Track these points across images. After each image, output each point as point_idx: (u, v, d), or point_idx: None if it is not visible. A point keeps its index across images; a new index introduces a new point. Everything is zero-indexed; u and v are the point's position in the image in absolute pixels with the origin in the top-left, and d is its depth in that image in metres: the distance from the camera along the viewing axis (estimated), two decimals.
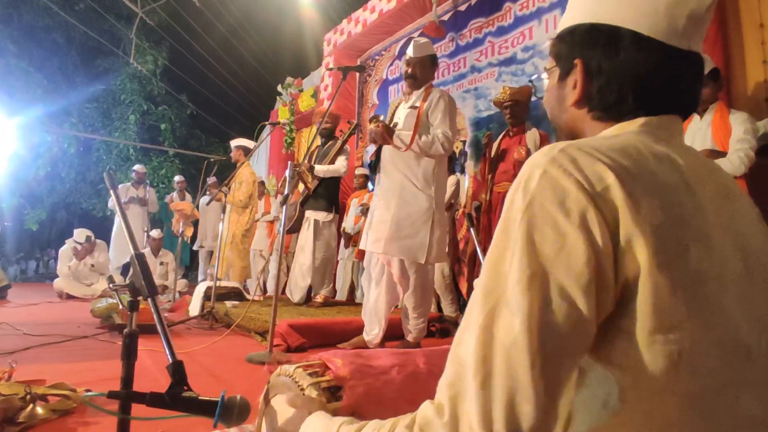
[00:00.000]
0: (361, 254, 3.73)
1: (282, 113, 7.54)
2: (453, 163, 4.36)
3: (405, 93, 2.73)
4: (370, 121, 2.70)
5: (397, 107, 2.73)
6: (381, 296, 2.54)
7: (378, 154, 2.65)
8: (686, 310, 0.44)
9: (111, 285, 1.02)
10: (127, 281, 1.01)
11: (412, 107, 2.57)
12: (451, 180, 4.10)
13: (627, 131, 0.57)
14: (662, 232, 0.45)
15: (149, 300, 0.97)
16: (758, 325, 0.48)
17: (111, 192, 1.12)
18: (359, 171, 5.37)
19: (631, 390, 0.45)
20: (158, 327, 0.95)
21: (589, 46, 0.59)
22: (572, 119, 0.64)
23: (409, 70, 2.61)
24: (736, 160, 2.35)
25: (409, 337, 2.62)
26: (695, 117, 2.60)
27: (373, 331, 2.57)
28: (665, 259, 0.44)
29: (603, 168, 0.46)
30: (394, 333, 2.73)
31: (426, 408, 0.49)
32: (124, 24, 10.87)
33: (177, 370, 0.89)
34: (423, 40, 2.67)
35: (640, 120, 0.57)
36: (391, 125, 2.55)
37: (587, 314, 0.44)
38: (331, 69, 4.07)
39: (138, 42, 10.50)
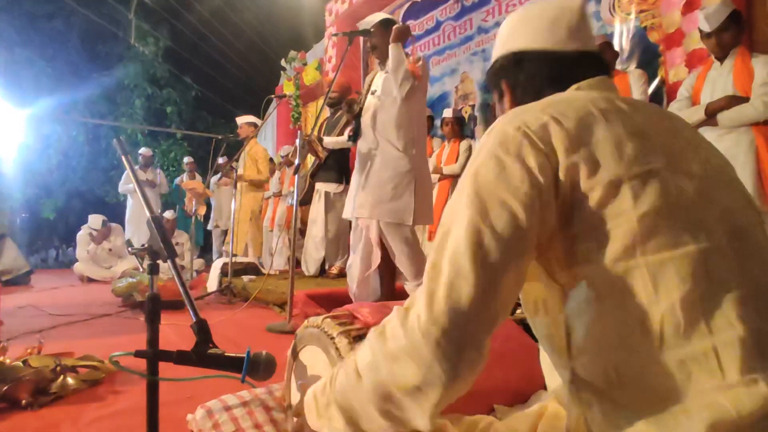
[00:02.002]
0: None
1: (287, 87, 7.44)
2: (463, 128, 4.28)
3: (378, 64, 2.71)
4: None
5: (372, 79, 2.71)
6: (355, 261, 2.58)
7: (357, 123, 2.65)
8: (632, 197, 0.53)
9: (130, 249, 1.02)
10: (146, 245, 1.00)
11: (387, 72, 2.56)
12: (464, 145, 4.04)
13: (564, 93, 0.70)
14: (597, 139, 0.56)
15: (169, 261, 0.97)
16: (722, 218, 0.55)
17: (123, 158, 1.10)
18: None
19: (600, 280, 0.53)
20: (180, 288, 0.94)
21: (506, 69, 0.78)
22: None
23: (369, 44, 2.64)
24: (760, 105, 2.25)
25: None
26: (715, 63, 2.49)
27: (351, 294, 2.64)
28: (596, 165, 0.54)
29: (540, 114, 0.59)
30: None
31: (393, 310, 0.60)
32: (123, 6, 10.71)
33: (202, 329, 0.89)
34: (368, 17, 2.66)
35: (574, 84, 0.70)
36: (370, 95, 2.58)
37: (525, 223, 0.53)
38: (336, 35, 3.97)
39: (138, 23, 10.36)
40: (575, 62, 0.73)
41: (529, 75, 0.75)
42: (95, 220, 6.16)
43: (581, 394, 0.55)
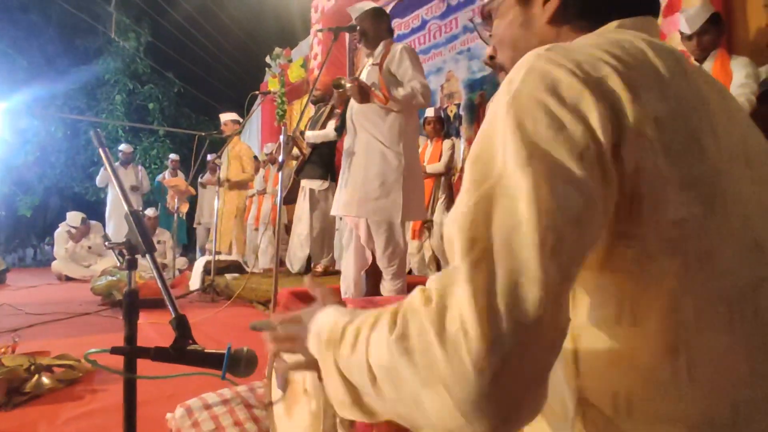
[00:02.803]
0: None
1: (272, 84, 7.39)
2: (448, 127, 4.30)
3: (366, 55, 2.68)
4: (334, 84, 2.63)
5: (362, 69, 2.68)
6: (350, 260, 2.54)
7: (343, 117, 2.61)
8: (701, 206, 0.41)
9: (107, 243, 0.99)
10: (124, 239, 0.98)
11: (374, 64, 2.51)
12: (447, 144, 4.05)
13: (606, 31, 0.53)
14: (668, 124, 0.42)
15: (147, 256, 0.95)
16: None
17: (100, 151, 1.07)
18: None
19: (643, 298, 0.42)
20: (158, 282, 0.92)
21: None
22: (546, 38, 0.58)
23: (358, 30, 2.59)
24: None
25: None
26: (695, 64, 2.54)
27: (344, 295, 2.58)
28: (673, 153, 0.41)
29: (596, 59, 0.43)
30: None
31: (414, 296, 0.42)
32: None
33: (181, 324, 0.87)
34: (358, 4, 2.62)
35: (615, 22, 0.54)
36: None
37: (598, 194, 0.39)
38: (321, 30, 3.95)
39: (118, 18, 10.16)
40: None
41: None
42: (74, 218, 6.03)
43: (585, 418, 0.46)
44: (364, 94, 2.36)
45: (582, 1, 0.56)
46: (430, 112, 4.15)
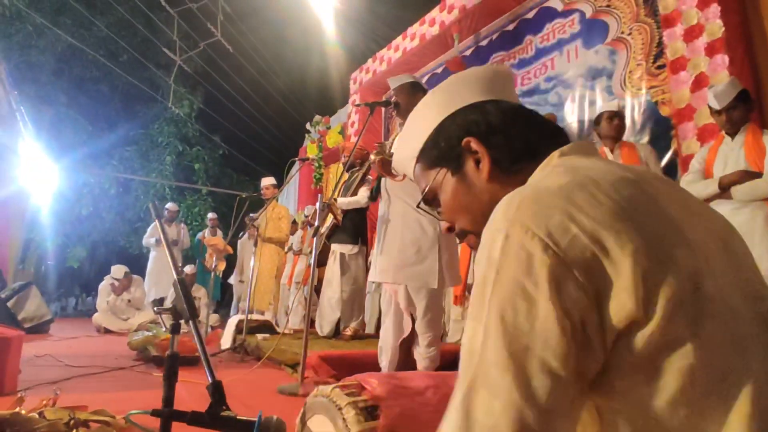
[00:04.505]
0: None
1: (310, 150, 7.77)
2: None
3: (399, 124, 2.80)
4: (376, 153, 2.74)
5: (394, 138, 2.78)
6: (389, 327, 2.52)
7: (378, 183, 2.68)
8: (691, 322, 0.43)
9: (156, 309, 1.07)
10: (170, 305, 1.06)
11: None
12: None
13: (554, 164, 0.57)
14: (646, 258, 0.43)
15: (190, 322, 1.02)
16: (753, 306, 0.47)
17: (156, 221, 1.19)
18: None
19: (640, 418, 0.44)
20: (198, 348, 0.98)
21: (467, 122, 0.63)
22: (495, 193, 0.61)
23: (393, 101, 2.70)
24: None
25: (421, 366, 2.56)
26: (726, 138, 2.56)
27: (381, 363, 2.54)
28: (653, 281, 0.43)
29: (564, 219, 0.45)
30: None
31: None
32: (163, 72, 11.59)
33: (216, 390, 0.92)
34: (398, 76, 2.75)
35: (555, 153, 0.58)
36: (388, 156, 2.59)
37: (571, 381, 0.43)
38: (358, 105, 4.21)
39: (176, 88, 11.13)
40: (543, 120, 0.64)
41: (505, 120, 0.62)
42: (118, 271, 6.31)
43: None
44: (386, 168, 2.48)
45: (509, 153, 0.61)
46: None
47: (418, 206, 0.71)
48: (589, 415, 0.48)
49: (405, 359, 2.58)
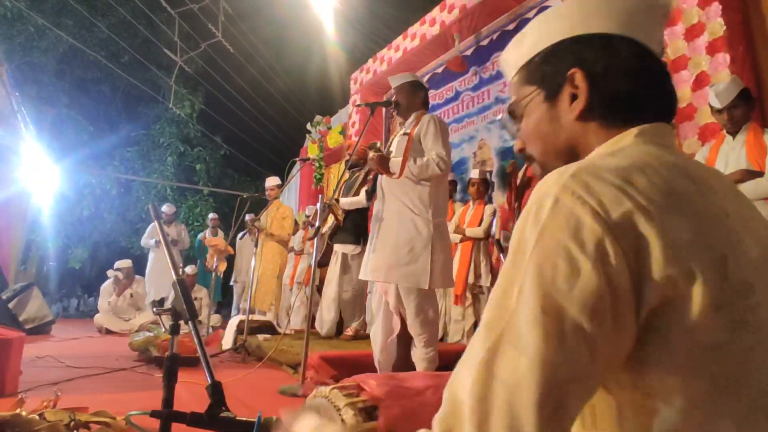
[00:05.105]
0: None
1: (311, 150, 7.77)
2: (488, 190, 4.35)
3: (399, 123, 2.78)
4: (369, 148, 2.72)
5: (392, 140, 2.77)
6: (378, 327, 2.51)
7: (374, 182, 2.66)
8: (731, 328, 0.41)
9: (155, 309, 1.07)
10: (170, 305, 1.06)
11: (404, 134, 2.59)
12: (489, 209, 4.05)
13: (627, 143, 0.55)
14: (692, 250, 0.42)
15: (190, 323, 1.02)
16: None
17: (155, 222, 1.19)
18: None
19: (675, 418, 0.42)
20: (198, 349, 0.98)
21: (585, 54, 0.58)
22: (574, 136, 0.60)
23: (393, 101, 2.69)
24: None
25: (420, 368, 2.55)
26: (727, 137, 2.55)
27: (375, 362, 2.54)
28: (701, 278, 0.41)
29: (619, 193, 0.44)
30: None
31: None
32: (164, 72, 11.60)
33: (216, 391, 0.92)
34: (399, 75, 2.73)
35: (634, 130, 0.56)
36: (387, 153, 2.58)
37: (605, 353, 0.41)
38: (359, 105, 4.21)
39: (177, 88, 11.14)
40: (665, 79, 0.58)
41: (625, 70, 0.57)
42: (122, 263, 6.37)
43: None
44: (383, 165, 2.46)
45: (606, 105, 0.58)
46: (474, 174, 4.18)
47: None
48: (605, 403, 0.47)
49: (404, 360, 2.57)
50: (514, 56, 0.66)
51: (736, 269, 0.43)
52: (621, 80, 0.57)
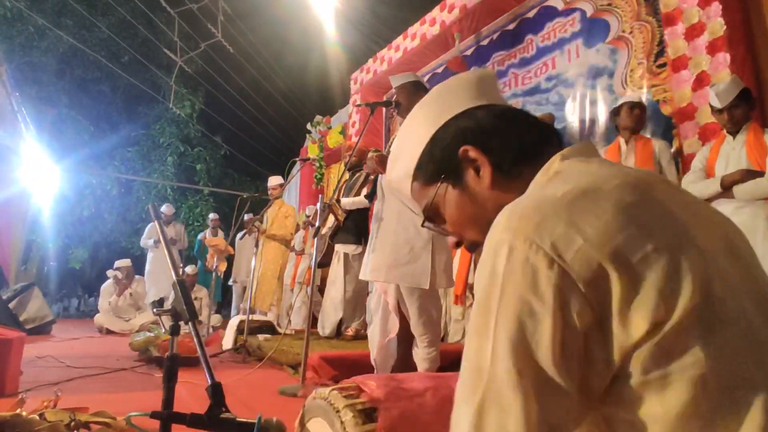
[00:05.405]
0: None
1: (311, 150, 7.77)
2: None
3: (400, 124, 2.78)
4: (369, 151, 2.72)
5: (394, 137, 2.76)
6: (375, 327, 2.51)
7: (374, 183, 2.66)
8: (701, 328, 0.42)
9: (155, 310, 1.07)
10: (170, 306, 1.06)
11: None
12: None
13: (557, 168, 0.56)
14: (652, 265, 0.42)
15: (190, 324, 1.02)
16: (763, 307, 0.46)
17: (156, 222, 1.19)
18: None
19: (652, 430, 0.43)
20: (198, 349, 0.98)
21: (460, 131, 0.61)
22: (500, 200, 0.59)
23: (394, 100, 2.69)
24: None
25: (421, 368, 2.55)
26: (728, 137, 2.55)
27: (372, 361, 2.55)
28: (667, 290, 0.42)
29: (569, 230, 0.44)
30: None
31: None
32: (164, 72, 11.60)
33: (216, 392, 0.92)
34: (400, 74, 2.73)
35: (557, 157, 0.57)
36: (386, 153, 2.58)
37: (577, 397, 0.44)
38: (359, 105, 4.21)
39: (177, 88, 11.14)
40: (536, 121, 0.63)
41: (500, 124, 0.61)
42: (121, 262, 6.38)
43: None
44: (383, 164, 2.46)
45: (508, 156, 0.60)
46: None
47: (423, 225, 0.69)
48: (597, 428, 0.48)
49: (405, 360, 2.57)
50: (399, 172, 0.68)
51: (693, 270, 0.43)
52: (503, 132, 0.60)
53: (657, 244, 0.44)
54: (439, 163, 0.63)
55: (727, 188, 2.41)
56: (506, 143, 0.60)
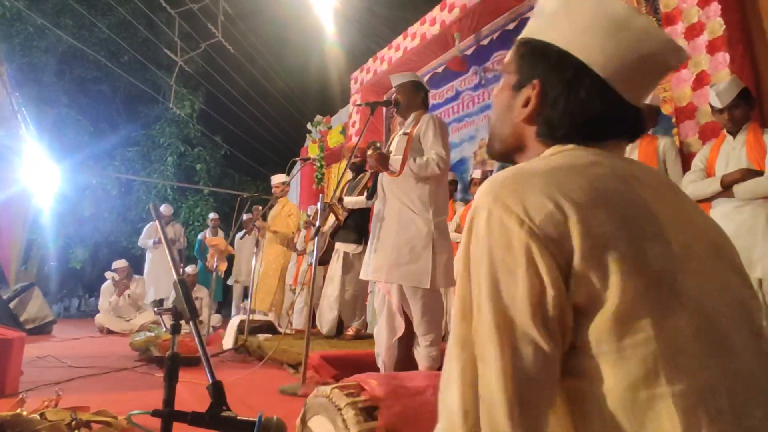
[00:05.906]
0: None
1: (312, 150, 7.77)
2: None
3: (399, 123, 2.78)
4: (368, 147, 2.71)
5: (392, 140, 2.76)
6: (382, 327, 2.51)
7: (375, 182, 2.66)
8: (656, 311, 0.45)
9: (156, 309, 1.07)
10: (171, 305, 1.06)
11: (404, 133, 2.59)
12: None
13: (558, 153, 0.59)
14: (614, 242, 0.46)
15: (191, 323, 1.02)
16: (740, 310, 0.49)
17: (157, 222, 1.19)
18: None
19: (614, 402, 0.45)
20: (199, 348, 0.98)
21: (553, 74, 0.59)
22: (517, 133, 0.65)
23: (393, 99, 2.69)
24: None
25: (422, 366, 2.55)
26: (728, 137, 2.55)
27: (378, 363, 2.54)
28: (622, 267, 0.45)
29: (542, 197, 0.48)
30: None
31: None
32: (165, 72, 11.61)
33: (217, 390, 0.92)
34: (400, 74, 2.73)
35: (570, 146, 0.60)
36: (387, 153, 2.58)
37: (551, 352, 0.46)
38: (359, 105, 4.21)
39: (177, 88, 11.14)
40: (627, 122, 0.60)
41: (579, 109, 0.58)
42: (119, 264, 6.38)
43: None
44: (383, 162, 2.46)
45: (549, 127, 0.61)
46: (476, 173, 4.18)
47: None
48: (560, 400, 0.51)
49: (405, 359, 2.58)
50: (533, 23, 0.68)
51: (655, 259, 0.47)
52: (569, 116, 0.59)
53: (621, 226, 0.47)
54: (525, 63, 0.63)
55: (727, 187, 2.42)
56: (560, 121, 0.59)
